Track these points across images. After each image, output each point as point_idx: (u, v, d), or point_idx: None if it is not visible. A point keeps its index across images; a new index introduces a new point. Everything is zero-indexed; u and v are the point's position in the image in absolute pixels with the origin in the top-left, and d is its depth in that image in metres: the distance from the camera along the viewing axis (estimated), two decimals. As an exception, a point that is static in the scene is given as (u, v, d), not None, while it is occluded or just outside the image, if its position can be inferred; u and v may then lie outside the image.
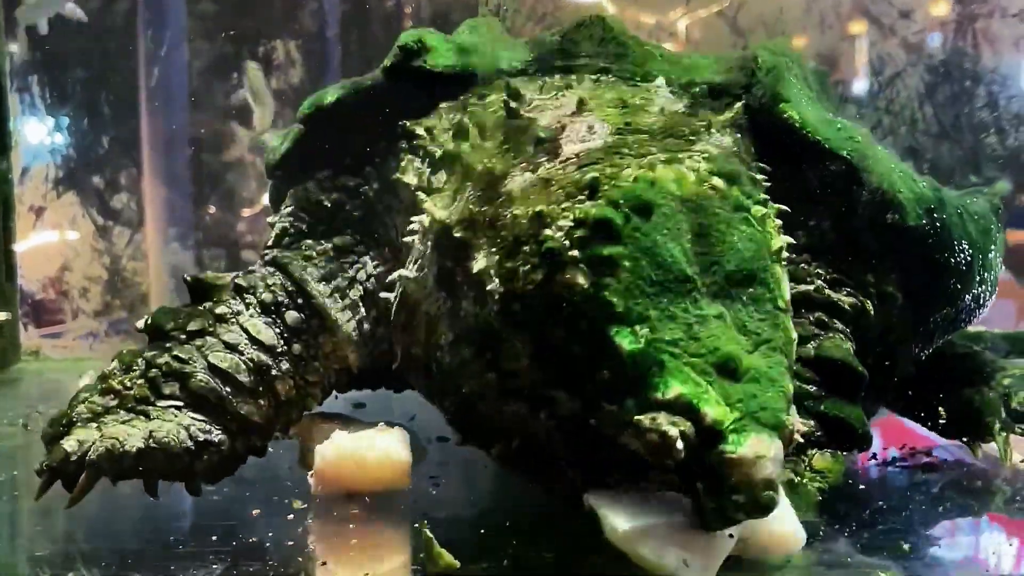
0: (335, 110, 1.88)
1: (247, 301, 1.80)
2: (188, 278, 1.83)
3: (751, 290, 1.38)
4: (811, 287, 1.71)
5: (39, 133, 4.51)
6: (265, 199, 3.65)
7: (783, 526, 1.43)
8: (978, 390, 2.07)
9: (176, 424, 1.67)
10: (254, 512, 1.74)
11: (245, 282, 1.81)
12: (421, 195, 1.66)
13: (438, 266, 1.57)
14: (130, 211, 4.54)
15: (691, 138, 1.54)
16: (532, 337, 1.41)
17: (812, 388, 1.64)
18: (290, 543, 1.62)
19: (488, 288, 1.45)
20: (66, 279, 4.51)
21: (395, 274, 1.70)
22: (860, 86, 4.21)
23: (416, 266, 1.64)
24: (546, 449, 1.45)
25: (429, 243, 1.60)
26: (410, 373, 1.73)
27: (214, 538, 1.61)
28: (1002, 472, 2.01)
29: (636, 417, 1.30)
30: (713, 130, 1.58)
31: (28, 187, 4.43)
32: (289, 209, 1.92)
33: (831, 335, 1.68)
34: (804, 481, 1.58)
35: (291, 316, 1.80)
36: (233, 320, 1.78)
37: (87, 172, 4.54)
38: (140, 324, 1.80)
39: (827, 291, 1.72)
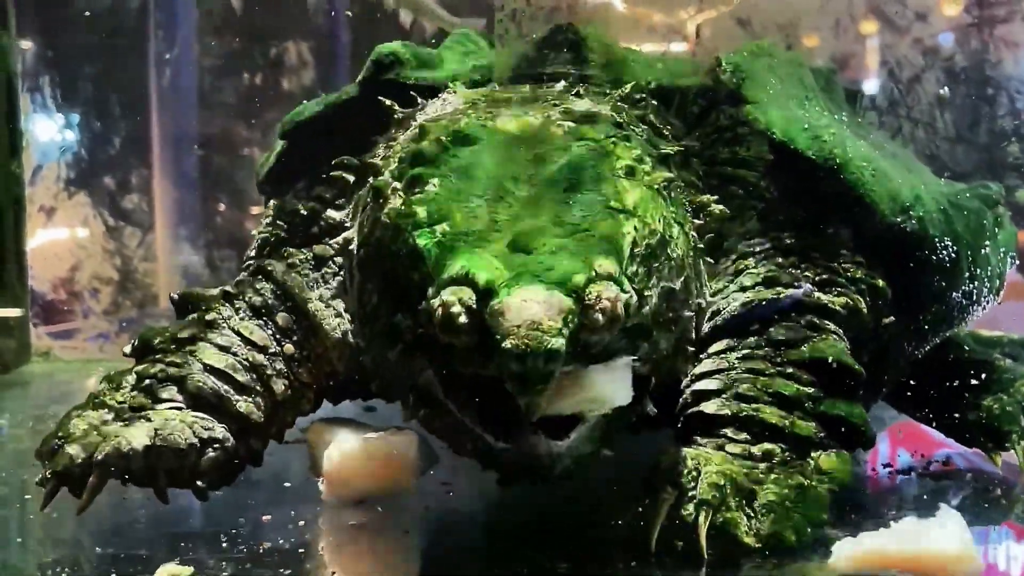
0: (312, 124, 1.96)
1: (236, 306, 1.81)
2: (175, 295, 1.85)
3: (578, 195, 1.45)
4: (799, 292, 1.71)
5: (50, 133, 4.51)
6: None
7: (956, 546, 1.43)
8: (997, 398, 2.05)
9: (179, 422, 1.66)
10: (264, 518, 1.73)
11: (233, 289, 1.83)
12: (329, 211, 1.80)
13: (347, 263, 1.64)
14: (141, 212, 4.54)
15: (555, 103, 1.63)
16: (376, 272, 1.51)
17: (810, 389, 1.62)
18: (300, 549, 1.61)
19: (350, 248, 1.59)
20: (77, 280, 4.51)
21: (319, 292, 1.79)
22: (873, 86, 4.19)
23: (340, 277, 1.76)
24: (431, 394, 1.46)
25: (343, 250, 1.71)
26: None
27: (224, 544, 1.61)
28: (1021, 481, 1.98)
29: (431, 300, 1.34)
30: (584, 99, 1.67)
31: (39, 187, 4.43)
32: (268, 219, 1.95)
33: (824, 336, 1.67)
34: (813, 483, 1.55)
35: (282, 317, 1.80)
36: (224, 324, 1.78)
37: (98, 172, 4.54)
38: (127, 349, 1.80)
39: (816, 294, 1.71)
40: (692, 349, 1.61)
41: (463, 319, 1.31)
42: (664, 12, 4.28)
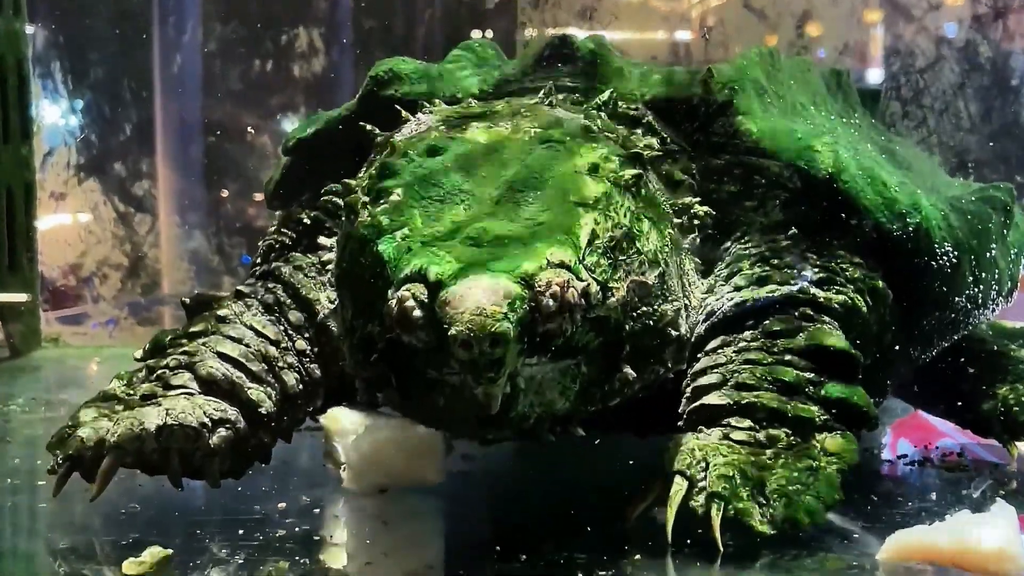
0: (315, 140, 2.00)
1: (248, 303, 1.82)
2: (186, 300, 1.86)
3: (537, 192, 1.49)
4: (795, 287, 1.70)
5: (60, 118, 4.51)
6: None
7: (1001, 544, 1.41)
8: (1013, 388, 2.04)
9: (191, 403, 1.65)
10: (280, 505, 1.73)
11: (246, 289, 1.84)
12: (321, 237, 1.81)
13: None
14: (151, 198, 4.54)
15: (527, 114, 1.65)
16: (349, 285, 1.54)
17: (810, 375, 1.61)
18: (316, 537, 1.61)
19: (330, 268, 1.65)
20: (86, 266, 4.51)
21: (326, 294, 1.79)
22: (878, 75, 4.17)
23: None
24: (412, 391, 1.48)
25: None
26: None
27: (240, 532, 1.61)
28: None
29: (389, 300, 1.37)
30: (558, 108, 1.69)
31: (49, 173, 4.42)
32: (273, 228, 1.98)
33: (819, 325, 1.66)
34: (822, 464, 1.53)
35: (294, 315, 1.81)
36: (236, 319, 1.79)
37: (108, 159, 4.54)
38: (138, 354, 1.80)
39: (812, 290, 1.70)
40: (676, 334, 1.60)
41: (416, 313, 1.35)
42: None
